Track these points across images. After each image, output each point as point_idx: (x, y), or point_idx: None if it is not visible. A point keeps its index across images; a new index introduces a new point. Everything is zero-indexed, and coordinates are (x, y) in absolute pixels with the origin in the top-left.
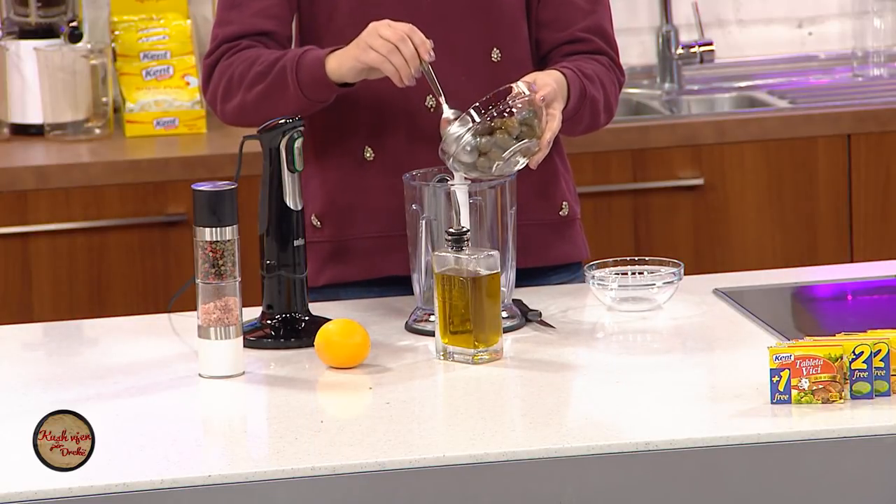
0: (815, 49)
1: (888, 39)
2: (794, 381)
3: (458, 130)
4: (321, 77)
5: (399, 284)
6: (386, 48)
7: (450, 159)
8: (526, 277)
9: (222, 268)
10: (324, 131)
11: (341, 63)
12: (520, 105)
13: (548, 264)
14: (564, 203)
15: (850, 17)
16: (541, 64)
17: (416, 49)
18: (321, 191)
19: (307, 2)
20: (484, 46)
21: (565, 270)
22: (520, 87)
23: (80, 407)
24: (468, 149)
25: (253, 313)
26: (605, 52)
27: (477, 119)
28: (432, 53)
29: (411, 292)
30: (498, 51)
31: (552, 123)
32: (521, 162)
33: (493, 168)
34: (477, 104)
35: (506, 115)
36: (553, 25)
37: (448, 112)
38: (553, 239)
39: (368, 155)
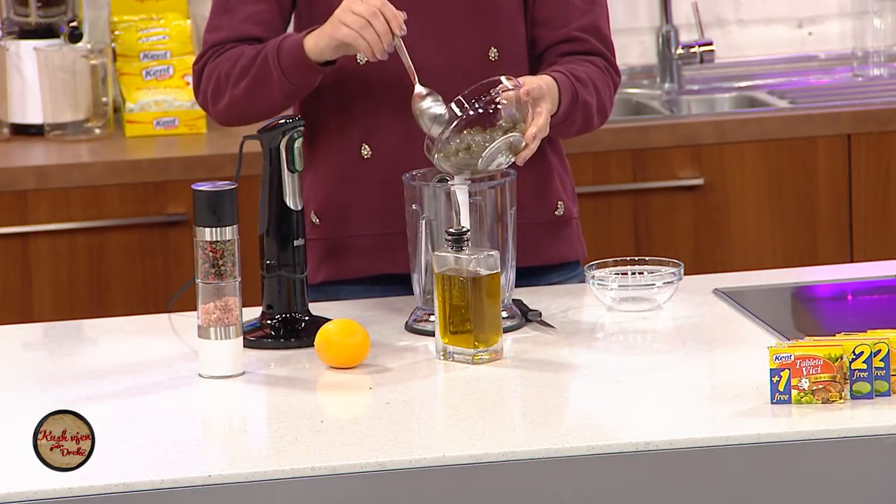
0: (815, 49)
1: (888, 39)
2: (794, 381)
3: (440, 126)
4: (302, 59)
5: (397, 283)
6: (358, 24)
7: (434, 156)
8: (523, 276)
9: (222, 268)
10: (322, 130)
11: (317, 42)
12: (505, 101)
13: (544, 263)
14: (560, 203)
15: (850, 17)
16: (536, 63)
17: (388, 23)
18: (320, 188)
19: (305, 5)
20: (481, 46)
21: (563, 269)
22: (504, 83)
23: (80, 407)
24: (452, 144)
25: (253, 313)
26: (600, 53)
27: (459, 113)
28: (404, 27)
29: (410, 291)
30: (495, 50)
31: (538, 120)
32: (506, 160)
33: (479, 163)
34: (459, 97)
35: (490, 110)
36: (549, 24)
37: (420, 88)
38: (549, 238)
39: (366, 153)
